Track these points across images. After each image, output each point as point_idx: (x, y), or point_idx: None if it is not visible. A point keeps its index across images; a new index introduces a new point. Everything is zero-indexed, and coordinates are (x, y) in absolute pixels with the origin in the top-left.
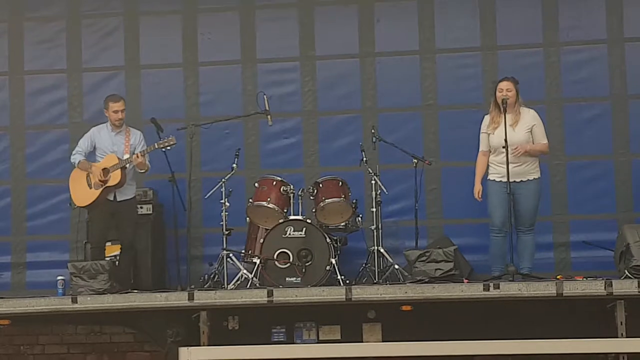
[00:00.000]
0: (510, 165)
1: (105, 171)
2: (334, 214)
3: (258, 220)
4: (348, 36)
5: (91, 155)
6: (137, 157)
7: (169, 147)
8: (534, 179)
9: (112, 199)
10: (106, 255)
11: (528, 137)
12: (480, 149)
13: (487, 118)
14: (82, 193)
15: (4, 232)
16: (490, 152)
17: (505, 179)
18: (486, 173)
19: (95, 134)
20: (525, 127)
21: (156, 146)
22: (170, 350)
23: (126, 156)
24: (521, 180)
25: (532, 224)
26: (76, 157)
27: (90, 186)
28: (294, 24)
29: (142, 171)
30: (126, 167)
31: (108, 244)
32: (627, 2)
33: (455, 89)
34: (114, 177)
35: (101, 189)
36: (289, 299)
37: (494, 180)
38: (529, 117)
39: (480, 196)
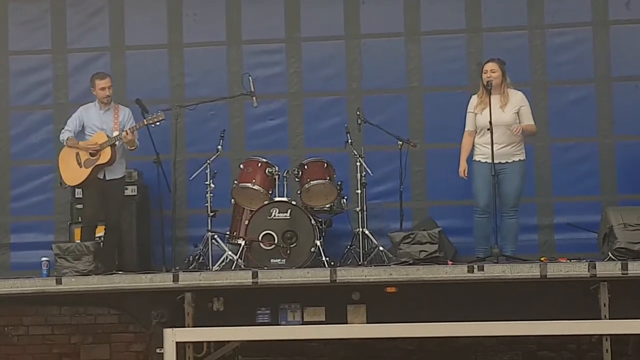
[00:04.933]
0: (496, 146)
1: (95, 150)
2: (319, 195)
3: (243, 202)
4: (333, 18)
5: (80, 135)
6: (127, 134)
7: (157, 123)
8: (520, 160)
9: (101, 177)
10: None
11: (515, 118)
12: (466, 129)
13: (474, 98)
14: (73, 172)
15: None
16: (476, 132)
17: (490, 160)
18: (471, 154)
19: (83, 113)
20: (513, 108)
21: (145, 122)
22: (155, 331)
23: (115, 133)
24: (506, 162)
25: (516, 206)
26: (65, 134)
27: (80, 165)
28: (279, 5)
29: (132, 149)
30: (115, 145)
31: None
32: None
33: (441, 71)
34: (104, 155)
35: (92, 167)
36: (274, 281)
37: (479, 161)
38: (517, 99)
39: (465, 174)
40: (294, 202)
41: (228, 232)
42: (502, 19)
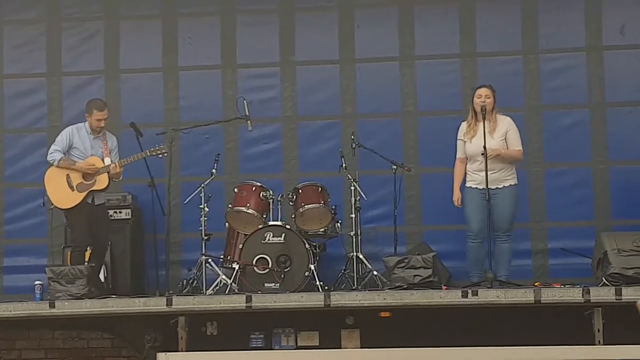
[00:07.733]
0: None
1: (89, 175)
2: (313, 219)
3: (237, 226)
4: (328, 42)
5: (66, 155)
6: (115, 166)
7: (160, 156)
8: (511, 185)
9: (90, 201)
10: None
11: (503, 145)
12: (457, 156)
13: (463, 125)
14: (63, 195)
15: None
16: (467, 159)
17: (481, 186)
18: (464, 180)
19: (74, 133)
20: (500, 134)
21: (148, 153)
22: (148, 355)
23: (107, 159)
24: (497, 187)
25: (509, 231)
26: (55, 155)
27: (72, 188)
28: (274, 30)
29: (117, 179)
30: (109, 172)
31: None
32: (605, 11)
33: (435, 95)
34: (101, 181)
35: (86, 192)
36: (268, 305)
37: (471, 187)
38: (505, 124)
39: (460, 203)
40: (288, 226)
41: (222, 256)
42: (496, 44)
